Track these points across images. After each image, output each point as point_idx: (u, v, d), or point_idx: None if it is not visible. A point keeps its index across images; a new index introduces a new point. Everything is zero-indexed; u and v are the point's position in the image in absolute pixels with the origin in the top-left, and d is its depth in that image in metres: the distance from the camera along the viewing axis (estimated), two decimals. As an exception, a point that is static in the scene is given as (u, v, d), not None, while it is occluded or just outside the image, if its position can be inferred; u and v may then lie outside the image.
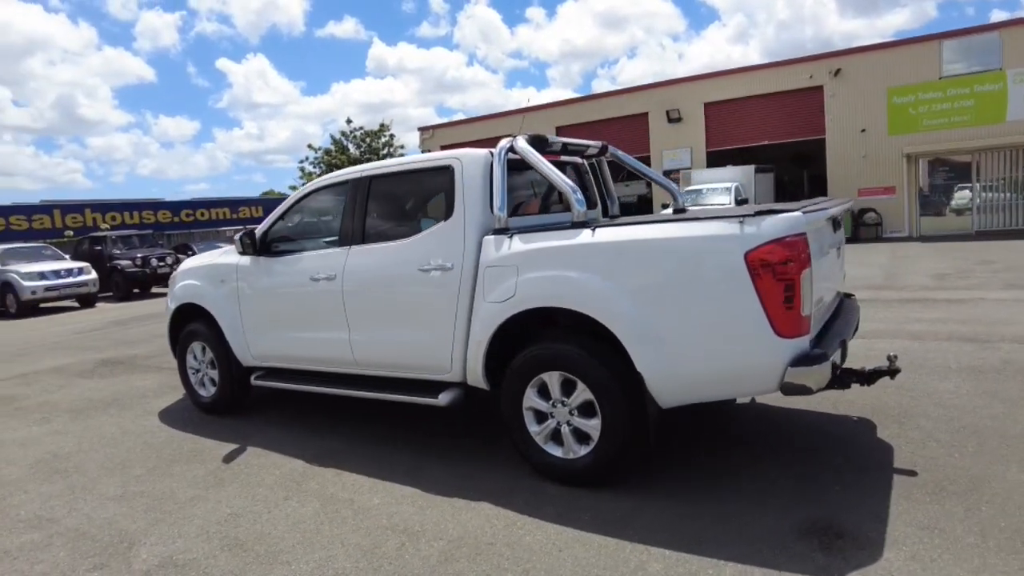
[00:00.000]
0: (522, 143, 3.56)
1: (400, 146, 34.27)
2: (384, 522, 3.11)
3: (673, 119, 21.27)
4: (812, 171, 21.45)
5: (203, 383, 5.19)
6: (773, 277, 2.67)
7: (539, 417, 3.39)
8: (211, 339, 4.95)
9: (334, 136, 34.15)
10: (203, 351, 5.10)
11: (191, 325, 5.13)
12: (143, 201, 25.54)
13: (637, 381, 3.00)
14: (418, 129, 28.40)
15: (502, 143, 3.62)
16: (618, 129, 22.83)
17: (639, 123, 22.35)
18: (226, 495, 3.57)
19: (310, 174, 32.22)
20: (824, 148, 18.92)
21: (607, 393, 3.08)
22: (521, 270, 3.30)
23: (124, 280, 16.81)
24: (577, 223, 3.27)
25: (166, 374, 6.62)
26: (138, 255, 17.17)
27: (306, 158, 33.69)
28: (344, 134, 33.68)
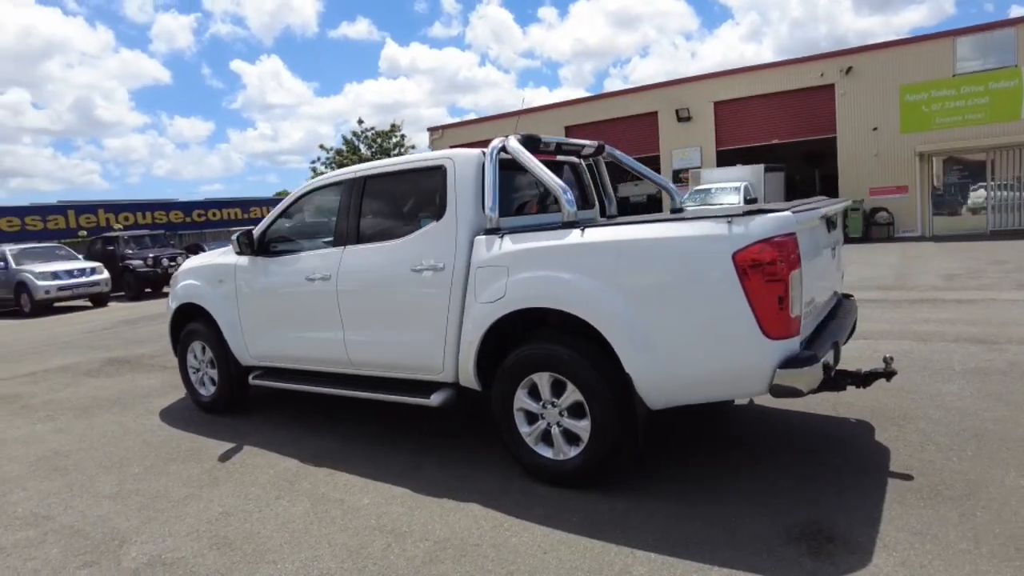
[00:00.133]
0: (514, 143, 3.55)
1: (411, 146, 34.37)
2: (372, 522, 3.11)
3: (682, 118, 21.14)
4: (824, 170, 21.23)
5: (203, 382, 5.23)
6: (761, 277, 2.64)
7: (530, 418, 3.37)
8: (210, 339, 4.98)
9: (346, 137, 34.30)
10: (203, 350, 5.13)
11: (191, 325, 5.17)
12: (155, 201, 25.83)
13: (626, 382, 2.98)
14: (428, 129, 28.48)
15: (494, 143, 3.61)
16: (627, 128, 22.75)
17: (648, 122, 22.25)
18: (219, 494, 3.58)
19: (321, 175, 32.37)
20: (835, 147, 18.72)
21: (596, 394, 3.06)
22: (511, 270, 3.28)
23: (136, 280, 17.00)
24: (567, 223, 3.25)
25: (170, 373, 6.68)
26: (150, 255, 17.35)
27: (318, 158, 33.90)
28: (356, 134, 33.83)
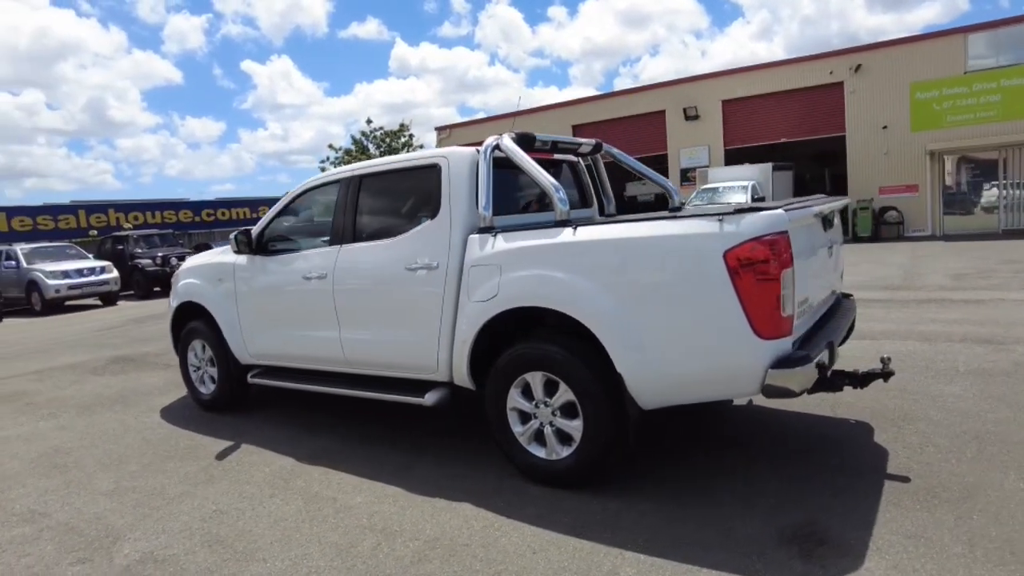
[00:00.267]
0: (507, 141, 3.53)
1: (420, 145, 34.41)
2: (364, 521, 3.10)
3: (690, 117, 21.03)
4: (834, 169, 21.04)
5: (203, 380, 5.25)
6: (753, 276, 2.61)
7: (523, 418, 3.36)
8: (210, 337, 5.01)
9: (355, 136, 34.44)
10: (203, 349, 5.15)
11: (192, 323, 5.19)
12: (165, 201, 26.03)
13: (617, 382, 2.95)
14: (435, 129, 28.51)
15: (488, 141, 3.59)
16: (635, 127, 22.67)
17: (656, 121, 22.15)
18: (214, 492, 3.59)
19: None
20: (844, 145, 18.54)
21: (588, 394, 3.04)
22: (504, 269, 3.27)
23: (144, 279, 17.14)
24: (560, 221, 3.23)
25: (173, 371, 6.70)
26: (159, 254, 17.50)
27: (327, 158, 34.02)
28: (364, 134, 33.90)
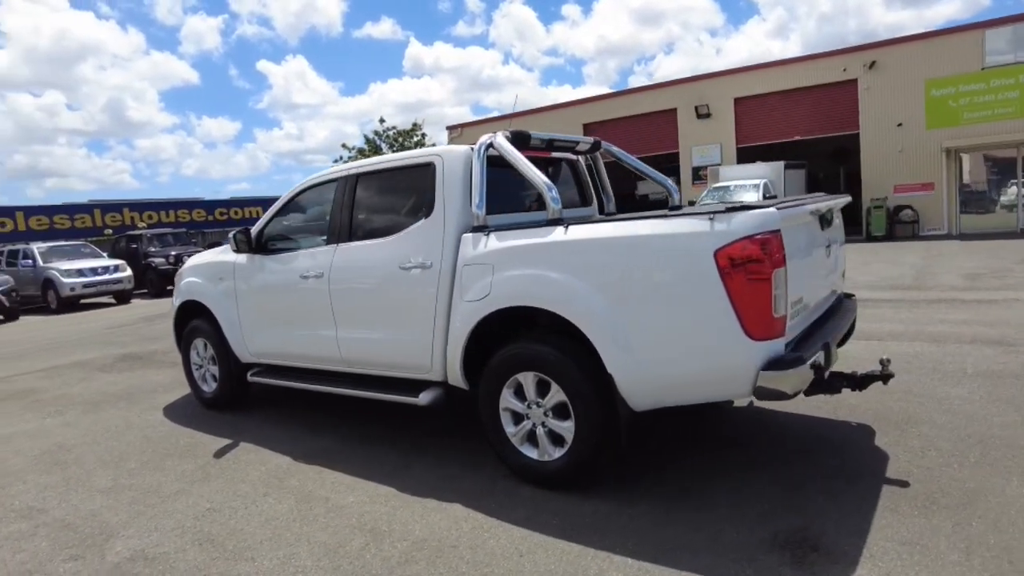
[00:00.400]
0: (501, 140, 3.50)
1: (432, 145, 34.46)
2: (354, 521, 3.09)
3: (702, 115, 20.86)
4: (848, 167, 20.77)
5: (205, 379, 5.28)
6: (744, 276, 2.56)
7: (516, 418, 3.33)
8: (212, 336, 5.03)
9: (367, 136, 34.55)
10: (205, 347, 5.18)
11: (194, 322, 5.22)
12: (179, 200, 26.30)
13: (609, 383, 2.92)
14: (447, 128, 28.55)
15: (482, 139, 3.57)
16: (646, 125, 22.55)
17: (668, 119, 22.01)
18: (208, 490, 3.61)
19: None
20: (858, 143, 18.29)
21: (580, 395, 3.01)
22: (496, 268, 3.24)
23: (157, 277, 17.31)
24: (552, 220, 3.19)
25: (179, 369, 6.72)
26: (172, 253, 17.66)
27: (340, 157, 34.17)
28: (377, 134, 34.00)
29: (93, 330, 11.22)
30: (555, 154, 4.35)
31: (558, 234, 3.05)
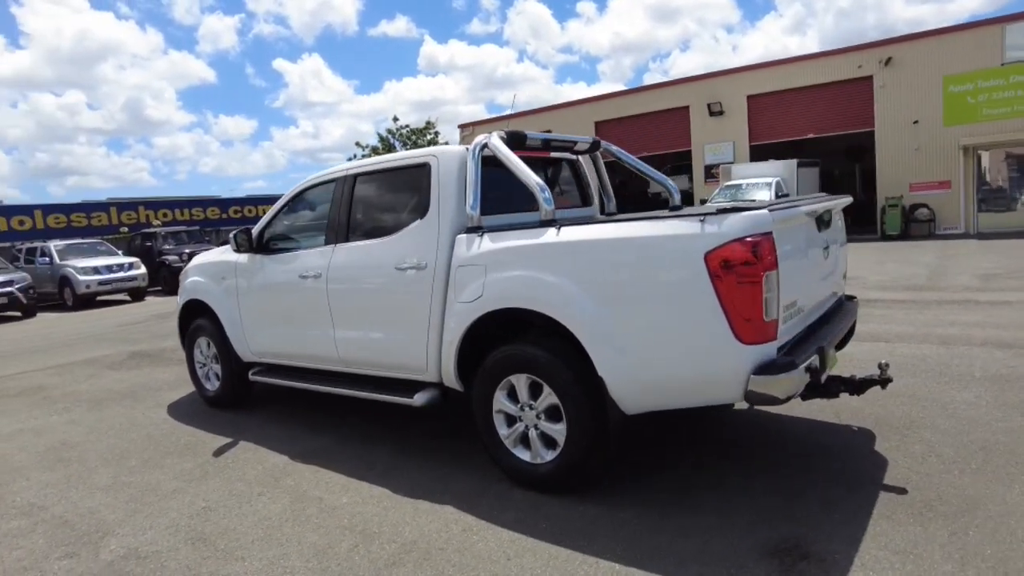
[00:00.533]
0: (495, 140, 3.48)
1: (445, 143, 34.52)
2: (345, 522, 3.10)
3: (715, 112, 20.65)
4: (864, 165, 20.47)
5: (208, 377, 5.33)
6: (734, 279, 2.52)
7: (509, 420, 3.32)
8: (214, 335, 5.07)
9: (381, 134, 34.63)
10: (208, 346, 5.22)
11: (197, 320, 5.27)
12: (193, 198, 26.58)
13: (599, 386, 2.89)
14: (458, 126, 28.56)
15: (477, 139, 3.55)
16: (659, 123, 22.39)
17: (680, 117, 21.82)
18: (205, 489, 3.63)
19: None
20: (874, 141, 18.02)
21: (571, 397, 2.99)
22: (489, 270, 3.23)
23: (171, 275, 17.45)
24: (544, 221, 3.17)
25: (185, 367, 6.80)
26: (185, 251, 17.83)
27: (354, 155, 34.32)
28: (391, 132, 34.11)
29: (106, 327, 11.37)
30: (554, 154, 4.32)
31: (550, 235, 3.03)
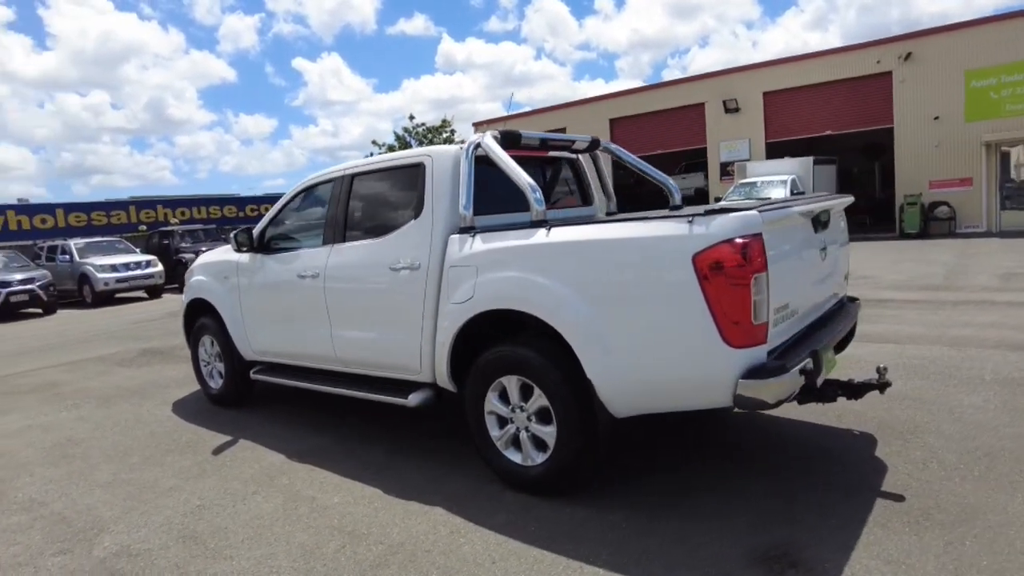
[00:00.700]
0: (488, 140, 3.46)
1: (460, 141, 34.49)
2: (335, 522, 3.10)
3: (730, 109, 20.43)
4: (884, 162, 20.11)
5: (212, 375, 5.37)
6: (723, 281, 2.47)
7: (501, 422, 3.30)
8: (217, 333, 5.11)
9: (397, 133, 34.71)
10: (212, 344, 5.27)
11: (201, 319, 5.31)
12: (211, 196, 26.92)
13: (588, 388, 2.86)
14: (473, 124, 28.56)
15: (471, 139, 3.53)
16: (674, 120, 22.20)
17: (696, 114, 21.62)
18: (201, 487, 3.66)
19: None
20: (892, 138, 17.68)
21: (561, 399, 2.96)
22: (480, 271, 3.21)
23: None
24: (535, 222, 3.14)
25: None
26: (202, 248, 18.03)
27: (371, 154, 34.47)
28: (407, 130, 34.18)
29: (122, 324, 11.54)
30: (553, 153, 4.29)
31: (540, 236, 3.00)
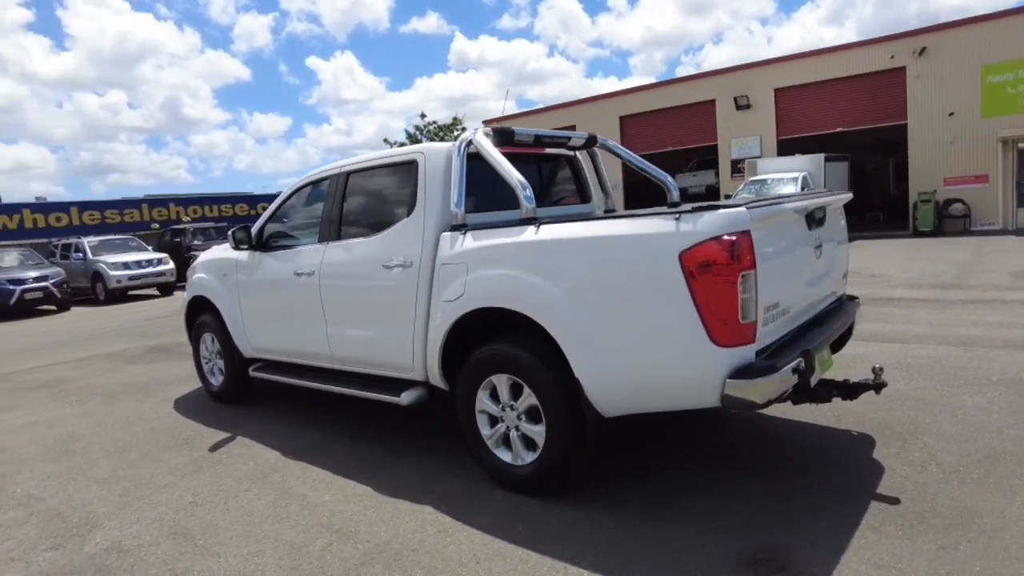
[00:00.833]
0: (480, 137, 3.44)
1: None
2: (324, 520, 3.10)
3: (741, 106, 20.23)
4: (898, 159, 19.82)
5: (213, 372, 5.40)
6: (709, 279, 2.43)
7: (492, 420, 3.28)
8: (217, 331, 5.14)
9: (408, 131, 34.75)
10: (212, 342, 5.29)
11: (202, 316, 5.35)
12: (223, 195, 27.15)
13: (577, 387, 2.83)
14: (483, 123, 28.55)
15: (463, 136, 3.51)
16: (685, 117, 22.03)
17: (706, 111, 21.43)
18: (195, 484, 3.67)
19: None
20: (906, 134, 17.42)
21: (550, 399, 2.93)
22: (470, 268, 3.19)
23: (199, 270, 17.85)
24: (525, 219, 3.11)
25: (198, 362, 6.94)
26: (213, 246, 18.19)
27: (379, 154, 34.44)
28: (419, 129, 34.25)
29: (132, 321, 11.66)
30: (550, 150, 4.26)
31: (528, 234, 2.98)
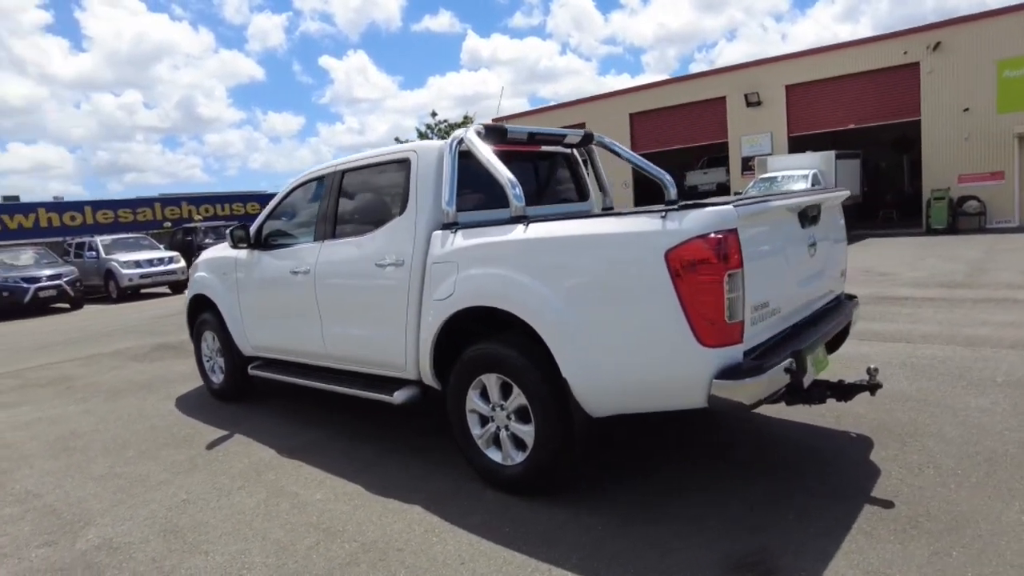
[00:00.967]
0: (471, 135, 3.42)
1: None
2: (313, 519, 3.10)
3: (752, 103, 20.05)
4: (913, 156, 19.55)
5: (214, 370, 5.43)
6: (695, 278, 2.39)
7: (482, 420, 3.26)
8: (218, 329, 5.16)
9: (419, 130, 34.79)
10: (213, 340, 5.32)
11: (203, 315, 5.37)
12: (234, 194, 27.34)
13: (563, 387, 2.80)
14: (492, 120, 28.47)
15: (455, 134, 3.49)
16: (695, 114, 21.89)
17: (716, 108, 21.28)
18: (190, 481, 3.69)
19: None
20: (919, 131, 17.17)
21: (539, 399, 2.91)
22: (460, 267, 3.17)
23: (209, 269, 18.00)
24: (514, 218, 3.09)
25: (202, 360, 6.98)
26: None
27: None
28: (430, 127, 34.28)
29: (142, 319, 11.77)
30: (546, 148, 4.23)
31: (517, 232, 2.95)
